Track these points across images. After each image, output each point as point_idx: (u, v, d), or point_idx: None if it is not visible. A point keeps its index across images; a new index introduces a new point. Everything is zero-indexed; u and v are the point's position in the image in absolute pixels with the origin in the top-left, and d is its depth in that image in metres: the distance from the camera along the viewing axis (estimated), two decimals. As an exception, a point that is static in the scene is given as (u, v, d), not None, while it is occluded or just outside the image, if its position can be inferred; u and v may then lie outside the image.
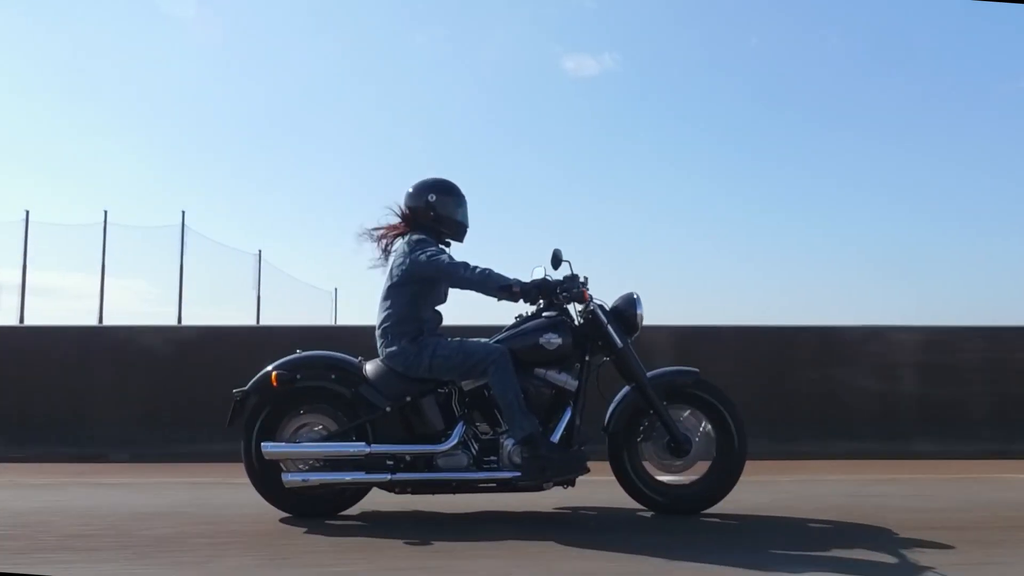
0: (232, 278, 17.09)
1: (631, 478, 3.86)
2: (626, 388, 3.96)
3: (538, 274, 3.86)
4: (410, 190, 3.96)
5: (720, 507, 3.86)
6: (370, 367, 3.82)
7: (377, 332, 3.83)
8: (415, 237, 3.83)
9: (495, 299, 3.78)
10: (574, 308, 3.91)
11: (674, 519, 3.78)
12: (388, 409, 3.72)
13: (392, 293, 3.81)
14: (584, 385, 3.83)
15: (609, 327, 3.83)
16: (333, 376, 3.77)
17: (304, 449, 3.70)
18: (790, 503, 4.17)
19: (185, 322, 13.91)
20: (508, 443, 3.69)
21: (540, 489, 3.67)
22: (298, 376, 3.74)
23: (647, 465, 3.91)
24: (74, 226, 15.18)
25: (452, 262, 3.72)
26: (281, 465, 3.74)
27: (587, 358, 3.84)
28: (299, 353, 3.87)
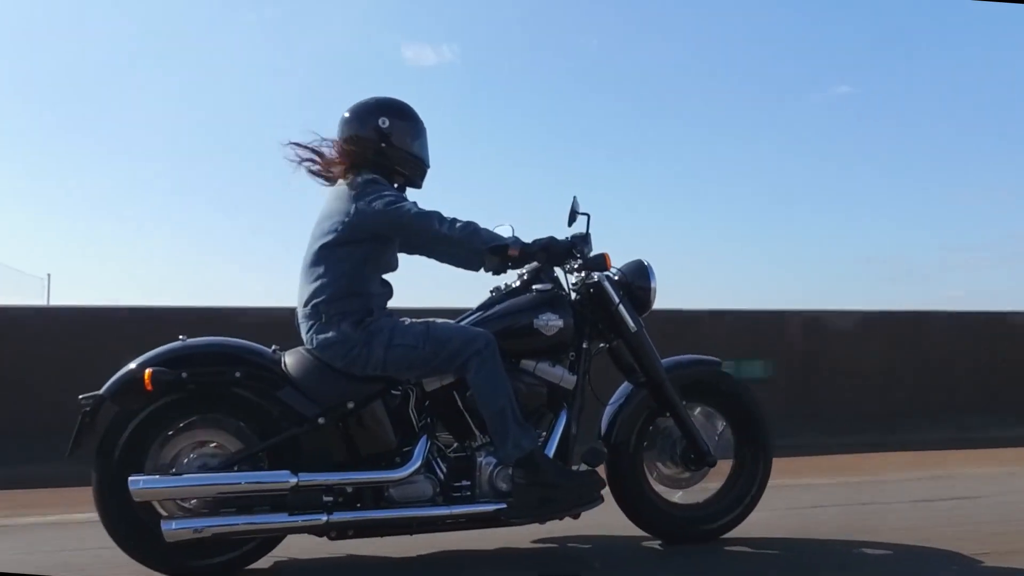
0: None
1: (637, 500, 2.97)
2: (626, 385, 3.07)
3: (503, 232, 2.87)
4: (347, 114, 2.80)
5: (746, 528, 3.07)
6: (292, 361, 2.67)
7: (302, 312, 2.69)
8: (363, 177, 2.69)
9: (473, 268, 2.74)
10: (566, 279, 2.95)
11: (691, 550, 2.95)
12: (321, 421, 2.60)
13: (326, 257, 2.66)
14: (583, 381, 2.89)
15: (622, 305, 2.90)
16: (238, 374, 2.59)
17: (195, 484, 2.50)
18: (827, 518, 3.47)
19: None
20: (488, 462, 2.70)
21: (530, 523, 2.71)
22: (184, 375, 2.54)
23: (651, 480, 3.05)
24: None
25: (422, 211, 2.63)
26: (158, 507, 2.53)
27: (584, 345, 2.90)
28: (183, 340, 2.65)
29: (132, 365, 2.55)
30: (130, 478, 2.44)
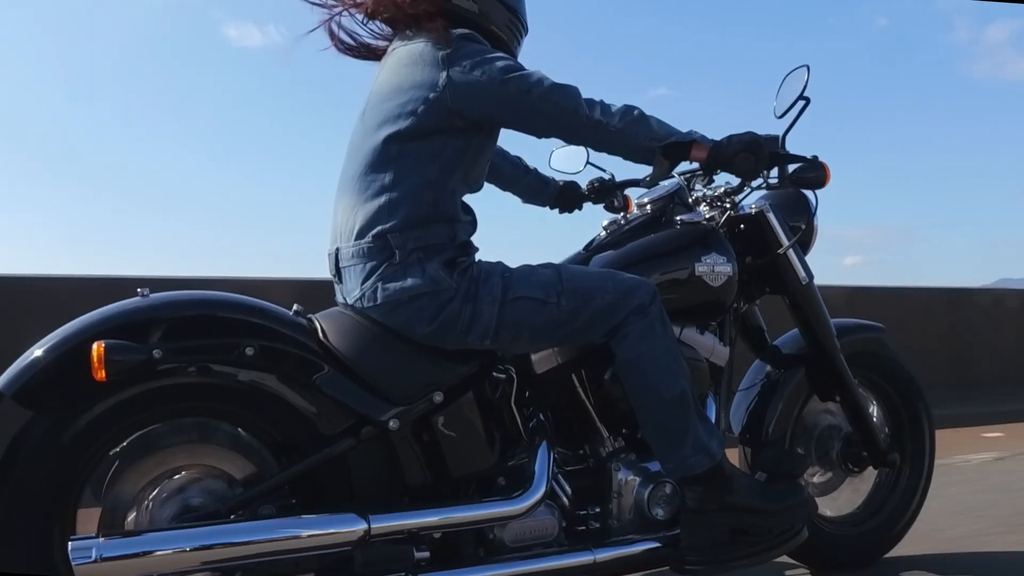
0: None
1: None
2: (759, 363, 2.25)
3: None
4: None
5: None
6: (336, 328, 1.62)
7: (351, 248, 1.64)
8: (457, 32, 1.67)
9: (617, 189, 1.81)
10: (711, 206, 2.07)
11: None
12: (393, 425, 1.58)
13: (397, 156, 1.62)
14: (733, 356, 2.04)
15: (793, 248, 2.06)
16: (249, 350, 1.51)
17: (189, 546, 1.40)
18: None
19: None
20: (629, 479, 1.79)
21: (715, 571, 1.80)
22: (157, 353, 1.43)
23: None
24: None
25: (560, 84, 1.65)
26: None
27: (733, 305, 2.04)
28: (145, 295, 1.53)
29: (39, 351, 1.43)
30: (71, 543, 1.32)
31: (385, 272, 1.59)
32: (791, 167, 1.78)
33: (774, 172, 1.79)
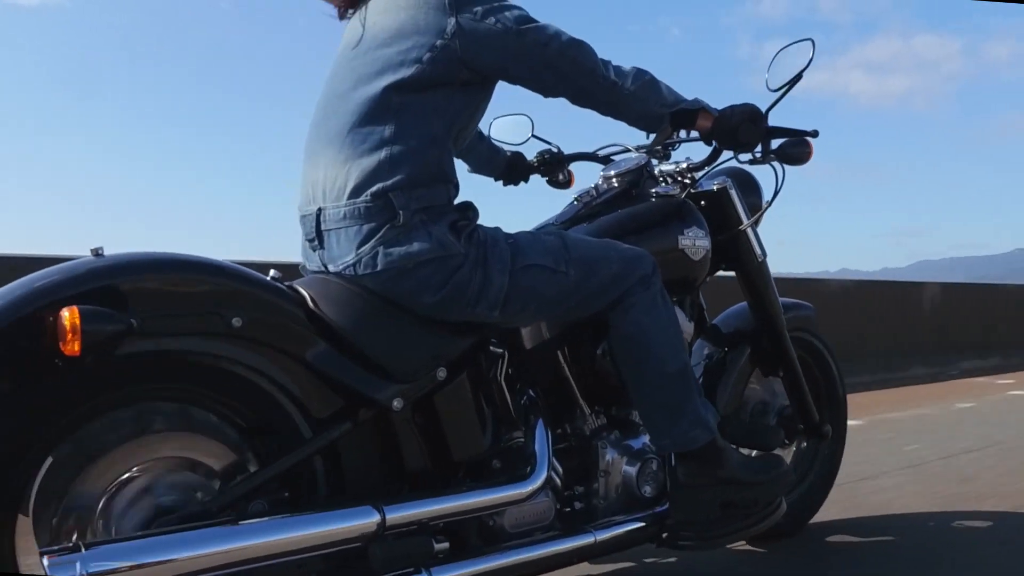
0: None
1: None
2: (700, 342, 2.27)
3: None
4: None
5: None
6: (327, 296, 1.44)
7: (342, 208, 1.44)
8: None
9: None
10: (666, 181, 2.05)
11: (791, 547, 2.28)
12: (396, 405, 1.42)
13: (398, 107, 1.45)
14: (695, 332, 2.05)
15: (751, 226, 2.09)
16: (237, 320, 1.29)
17: (180, 553, 1.17)
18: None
19: None
20: (614, 457, 1.75)
21: (705, 547, 1.78)
22: (135, 321, 1.18)
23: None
24: None
25: (576, 39, 1.54)
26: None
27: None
28: (101, 255, 1.27)
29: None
30: (46, 558, 1.06)
31: (387, 235, 1.42)
32: (776, 141, 1.80)
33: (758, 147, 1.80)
